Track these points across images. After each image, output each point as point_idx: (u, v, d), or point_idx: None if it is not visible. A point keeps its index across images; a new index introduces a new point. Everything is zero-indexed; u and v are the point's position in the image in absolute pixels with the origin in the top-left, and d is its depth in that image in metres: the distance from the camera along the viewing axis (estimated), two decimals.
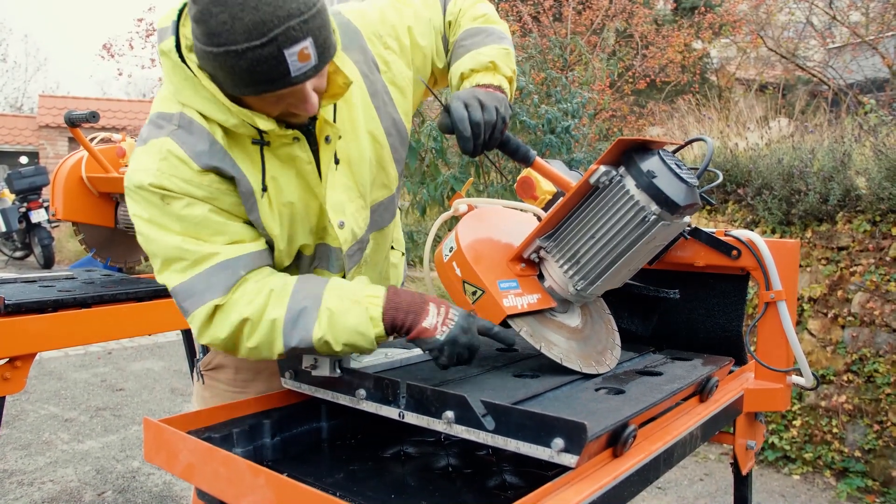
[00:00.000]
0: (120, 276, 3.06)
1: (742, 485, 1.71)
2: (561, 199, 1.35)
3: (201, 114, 1.20)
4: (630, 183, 1.26)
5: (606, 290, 1.43)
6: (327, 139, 1.28)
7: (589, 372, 1.35)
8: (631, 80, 9.58)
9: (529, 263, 1.41)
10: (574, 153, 5.80)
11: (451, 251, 1.36)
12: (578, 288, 1.37)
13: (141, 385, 5.26)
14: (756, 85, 10.37)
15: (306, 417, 1.40)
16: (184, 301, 1.22)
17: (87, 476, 3.58)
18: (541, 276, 1.42)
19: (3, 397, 2.29)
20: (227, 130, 1.22)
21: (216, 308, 1.20)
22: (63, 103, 15.94)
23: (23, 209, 11.04)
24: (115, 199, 3.18)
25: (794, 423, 3.77)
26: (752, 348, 1.62)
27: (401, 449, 1.38)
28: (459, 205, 1.52)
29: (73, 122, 2.70)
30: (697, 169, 1.35)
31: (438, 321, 1.19)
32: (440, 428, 1.13)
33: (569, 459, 0.98)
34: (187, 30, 1.15)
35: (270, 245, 1.31)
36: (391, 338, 1.23)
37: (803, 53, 10.61)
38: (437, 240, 1.91)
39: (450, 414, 1.11)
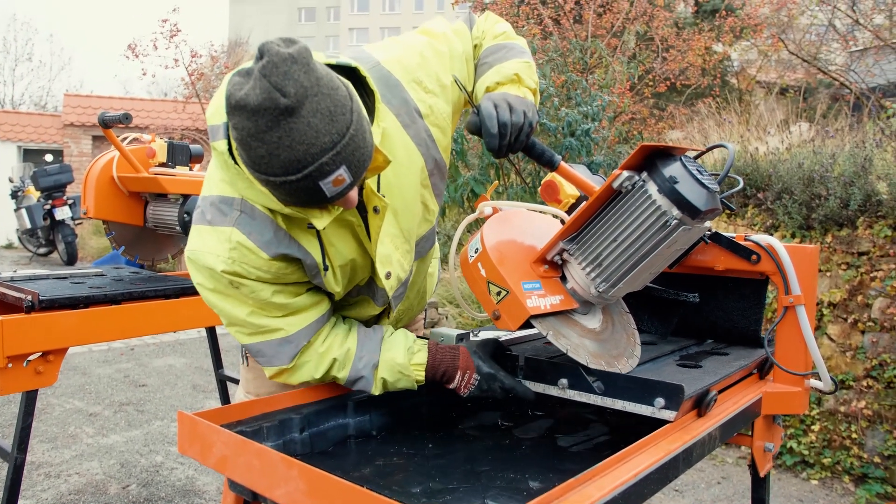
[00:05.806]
0: (147, 273, 3.12)
1: (760, 487, 1.73)
2: (584, 202, 1.38)
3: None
4: (652, 188, 1.29)
5: (627, 292, 1.46)
6: (375, 209, 1.32)
7: (596, 368, 1.36)
8: (651, 83, 9.54)
9: (552, 265, 1.44)
10: (594, 156, 5.80)
11: (476, 252, 1.39)
12: (600, 290, 1.40)
13: (163, 381, 5.34)
14: (777, 88, 10.28)
15: (333, 413, 1.44)
16: (254, 355, 1.40)
17: (111, 469, 3.66)
18: (563, 278, 1.45)
19: (36, 390, 2.36)
20: (284, 215, 1.25)
21: (283, 370, 1.39)
22: (87, 102, 16.08)
23: (47, 206, 11.22)
24: (144, 198, 3.25)
25: (812, 427, 3.76)
26: (770, 352, 1.64)
27: (425, 445, 1.42)
28: (484, 207, 1.56)
29: (106, 124, 2.76)
30: (718, 175, 1.37)
31: (462, 384, 1.42)
32: (555, 393, 1.37)
33: (668, 415, 1.24)
34: None
35: (329, 294, 1.41)
36: None
37: (825, 57, 10.52)
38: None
39: (564, 381, 1.35)
